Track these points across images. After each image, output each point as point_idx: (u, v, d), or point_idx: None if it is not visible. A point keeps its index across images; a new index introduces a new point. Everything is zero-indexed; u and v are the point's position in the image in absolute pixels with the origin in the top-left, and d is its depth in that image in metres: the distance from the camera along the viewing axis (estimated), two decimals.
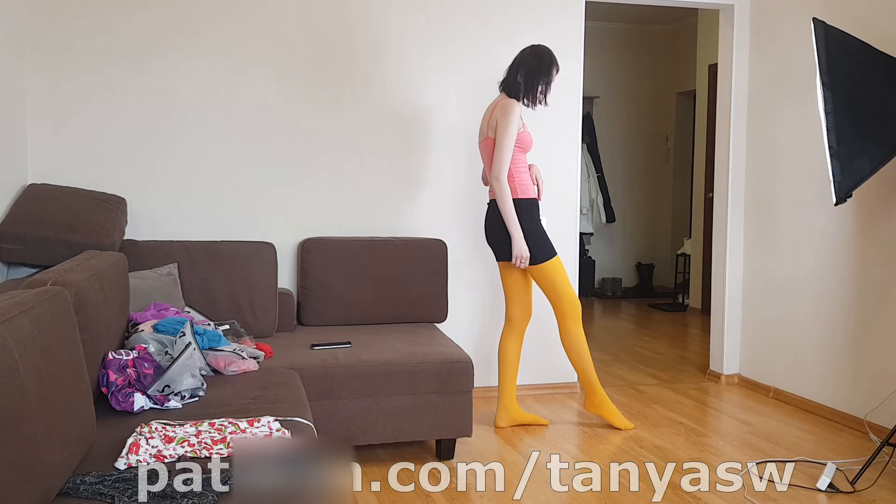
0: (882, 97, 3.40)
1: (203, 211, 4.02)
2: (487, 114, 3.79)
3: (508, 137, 3.64)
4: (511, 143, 3.65)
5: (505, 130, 3.64)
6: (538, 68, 3.72)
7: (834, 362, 4.12)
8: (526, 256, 3.69)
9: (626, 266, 8.73)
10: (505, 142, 3.64)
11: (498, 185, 3.66)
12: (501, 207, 3.67)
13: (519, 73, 3.73)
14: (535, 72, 3.72)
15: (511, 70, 3.77)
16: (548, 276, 3.78)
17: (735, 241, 4.83)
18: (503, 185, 3.65)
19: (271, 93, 4.09)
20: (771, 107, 4.59)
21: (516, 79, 3.73)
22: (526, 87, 3.72)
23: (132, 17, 3.89)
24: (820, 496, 3.10)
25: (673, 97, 8.45)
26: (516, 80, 3.73)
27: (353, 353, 3.40)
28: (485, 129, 3.77)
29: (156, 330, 2.99)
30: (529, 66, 3.73)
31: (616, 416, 3.93)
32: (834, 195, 3.38)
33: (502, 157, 3.64)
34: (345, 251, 4.02)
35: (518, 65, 3.75)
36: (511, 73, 3.76)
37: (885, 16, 3.81)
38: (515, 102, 3.69)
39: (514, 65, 3.77)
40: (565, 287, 3.81)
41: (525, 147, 3.74)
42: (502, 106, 3.69)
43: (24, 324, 1.77)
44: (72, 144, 3.86)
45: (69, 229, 3.29)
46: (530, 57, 3.75)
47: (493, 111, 3.73)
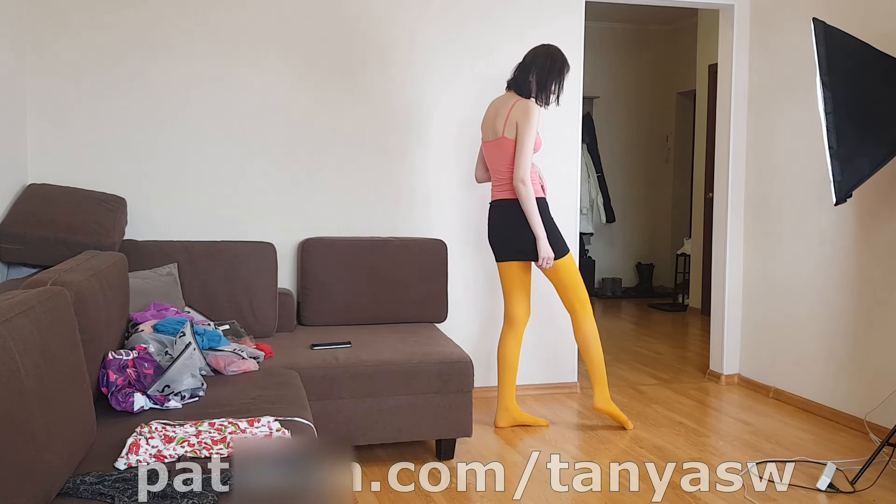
0: (882, 97, 3.40)
1: (203, 211, 4.02)
2: (500, 113, 3.71)
3: (531, 139, 3.62)
4: (531, 145, 3.63)
5: (528, 132, 3.61)
6: (552, 69, 3.70)
7: (834, 362, 4.12)
8: (551, 256, 3.68)
9: (626, 266, 8.73)
10: (528, 144, 3.61)
11: (524, 186, 3.62)
12: (526, 210, 3.64)
13: (531, 73, 3.70)
14: (549, 72, 3.70)
15: (522, 70, 3.73)
16: (565, 272, 3.78)
17: (735, 241, 4.83)
18: (528, 186, 3.62)
19: (272, 93, 4.09)
20: (771, 107, 4.59)
21: (528, 79, 3.70)
22: (539, 88, 3.70)
23: (132, 17, 3.89)
24: (820, 496, 3.10)
25: (673, 97, 8.45)
26: (527, 80, 3.70)
27: (353, 353, 3.40)
28: (498, 129, 3.70)
29: (156, 330, 2.99)
30: (543, 67, 3.70)
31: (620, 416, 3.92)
32: (834, 195, 3.39)
33: (525, 159, 3.62)
34: (345, 251, 4.02)
35: (529, 65, 3.72)
36: (522, 73, 3.72)
37: (885, 16, 3.81)
38: (536, 105, 3.67)
39: (524, 65, 3.74)
40: (579, 284, 3.84)
41: (536, 148, 3.72)
42: (523, 108, 3.65)
43: (24, 324, 1.77)
44: (72, 144, 3.86)
45: (69, 229, 3.29)
46: (542, 57, 3.71)
47: (511, 111, 3.66)
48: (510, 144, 3.66)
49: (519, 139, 3.63)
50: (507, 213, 3.72)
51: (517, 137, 3.63)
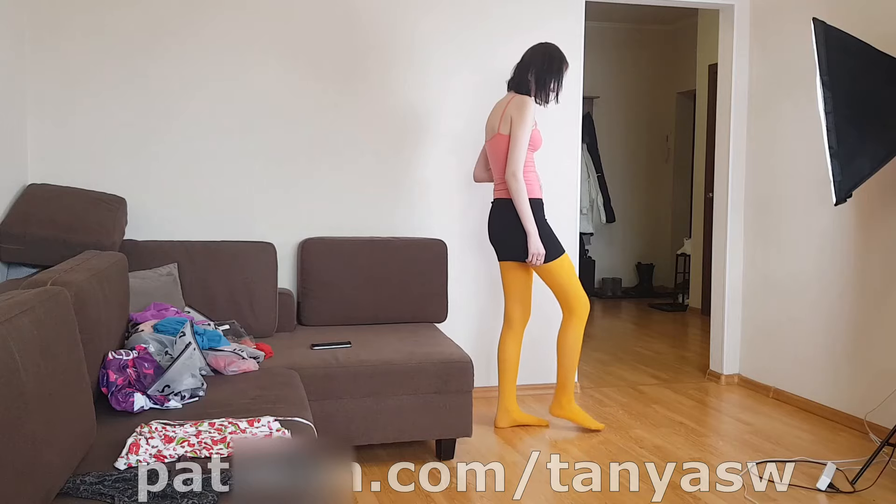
0: (882, 97, 3.40)
1: (203, 211, 4.02)
2: (497, 111, 3.74)
3: (525, 133, 3.61)
4: (527, 140, 3.62)
5: (521, 127, 3.60)
6: (550, 67, 3.70)
7: (834, 362, 4.12)
8: (542, 254, 3.66)
9: (626, 266, 8.73)
10: (521, 138, 3.60)
11: (515, 181, 3.61)
12: (517, 204, 3.63)
13: (529, 71, 3.70)
14: (548, 70, 3.70)
15: (520, 69, 3.74)
16: (558, 274, 3.76)
17: (735, 241, 4.83)
18: (520, 181, 3.61)
19: (272, 93, 4.09)
20: (771, 107, 4.59)
21: (527, 77, 3.70)
22: (538, 86, 3.70)
23: (132, 16, 3.89)
24: (820, 496, 3.10)
25: (673, 97, 8.45)
26: (526, 78, 3.70)
27: (353, 353, 3.40)
28: (496, 125, 3.72)
29: (156, 330, 2.99)
30: (541, 65, 3.70)
31: (585, 418, 3.88)
32: (834, 195, 3.38)
33: (518, 153, 3.61)
34: (345, 251, 4.02)
35: (528, 63, 3.72)
36: (521, 72, 3.73)
37: (885, 16, 3.81)
38: (530, 99, 3.67)
39: (523, 63, 3.74)
40: (575, 284, 3.80)
41: (535, 146, 3.71)
42: (517, 103, 3.65)
43: (24, 324, 1.76)
44: (72, 144, 3.86)
45: (69, 229, 3.29)
46: (541, 55, 3.72)
47: (507, 108, 3.68)
48: (506, 140, 3.66)
49: (512, 133, 3.63)
50: (504, 212, 3.72)
51: (511, 132, 3.64)
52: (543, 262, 3.70)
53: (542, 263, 3.71)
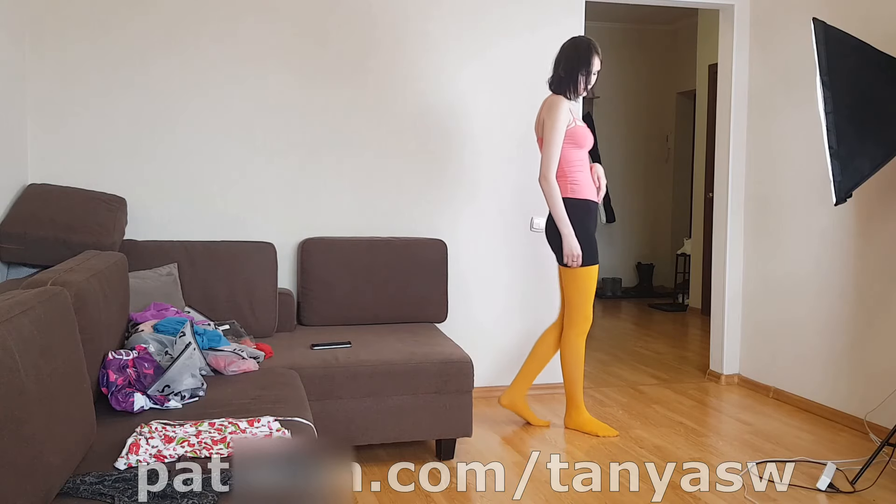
0: (882, 97, 3.40)
1: (203, 211, 4.02)
2: (539, 113, 3.76)
3: (556, 134, 3.61)
4: (558, 141, 3.61)
5: (552, 128, 3.61)
6: (577, 59, 3.69)
7: (834, 362, 4.12)
8: (578, 255, 3.62)
9: (626, 266, 8.73)
10: (552, 139, 3.61)
11: (545, 184, 3.62)
12: (550, 207, 3.64)
13: (560, 67, 3.72)
14: (575, 63, 3.69)
15: (554, 66, 3.75)
16: (579, 280, 3.71)
17: (735, 241, 4.83)
18: (550, 183, 3.61)
19: (271, 93, 4.09)
20: (771, 107, 4.59)
21: (558, 73, 3.72)
22: (567, 80, 3.70)
23: (132, 18, 3.89)
24: (820, 496, 3.10)
25: (673, 97, 8.45)
26: (558, 74, 3.72)
27: (353, 353, 3.40)
28: (538, 129, 3.75)
29: (156, 330, 2.99)
30: (568, 59, 3.70)
31: (597, 427, 3.84)
32: (834, 195, 3.38)
33: (549, 155, 3.61)
34: (345, 251, 4.02)
35: (559, 59, 3.74)
36: (555, 69, 3.74)
37: (885, 16, 3.81)
38: (560, 98, 3.67)
39: (555, 61, 3.76)
40: (588, 299, 3.75)
41: (578, 142, 3.67)
42: (548, 104, 3.68)
43: (24, 324, 1.77)
44: (72, 144, 3.86)
45: (69, 229, 3.29)
46: (569, 50, 3.73)
47: (541, 110, 3.72)
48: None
49: (545, 136, 3.65)
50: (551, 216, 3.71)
51: (544, 134, 3.65)
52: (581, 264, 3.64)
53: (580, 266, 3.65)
